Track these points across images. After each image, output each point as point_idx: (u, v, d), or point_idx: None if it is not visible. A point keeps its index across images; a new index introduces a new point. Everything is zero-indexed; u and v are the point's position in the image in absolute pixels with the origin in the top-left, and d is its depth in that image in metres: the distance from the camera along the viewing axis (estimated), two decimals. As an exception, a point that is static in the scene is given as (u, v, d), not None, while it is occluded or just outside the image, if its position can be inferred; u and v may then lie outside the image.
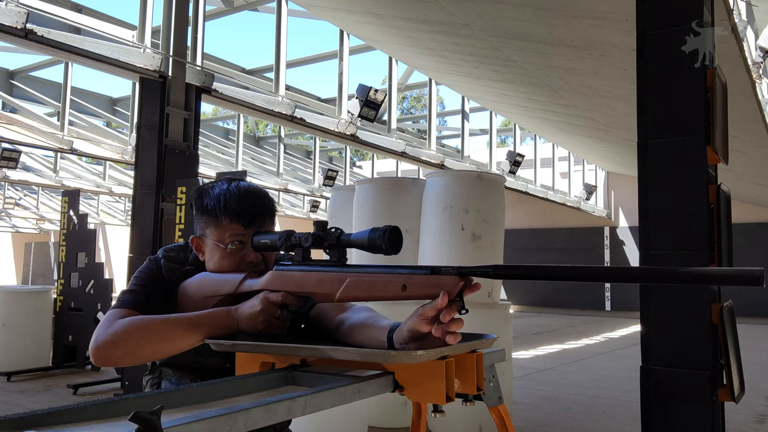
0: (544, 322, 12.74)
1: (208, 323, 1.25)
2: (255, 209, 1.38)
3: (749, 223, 13.20)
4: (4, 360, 6.17)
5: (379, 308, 4.74)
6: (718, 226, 2.42)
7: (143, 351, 1.23)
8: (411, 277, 1.08)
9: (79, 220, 6.83)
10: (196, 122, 5.19)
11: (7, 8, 4.22)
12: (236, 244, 1.36)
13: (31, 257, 24.63)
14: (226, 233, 1.36)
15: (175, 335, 1.23)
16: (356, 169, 16.20)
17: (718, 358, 2.39)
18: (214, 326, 1.24)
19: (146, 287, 1.37)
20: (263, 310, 1.21)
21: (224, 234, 1.36)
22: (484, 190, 4.13)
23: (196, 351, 1.35)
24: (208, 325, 1.24)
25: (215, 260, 1.37)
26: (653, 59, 2.56)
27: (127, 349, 1.22)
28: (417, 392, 1.05)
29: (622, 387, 5.63)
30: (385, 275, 1.11)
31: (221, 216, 1.36)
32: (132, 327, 1.23)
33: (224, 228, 1.36)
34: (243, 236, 1.36)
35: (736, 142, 6.73)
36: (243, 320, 1.23)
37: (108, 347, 1.22)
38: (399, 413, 4.09)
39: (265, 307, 1.21)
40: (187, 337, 1.23)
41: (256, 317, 1.22)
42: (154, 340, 1.23)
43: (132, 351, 1.22)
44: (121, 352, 1.22)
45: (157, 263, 1.42)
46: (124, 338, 1.22)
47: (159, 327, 1.24)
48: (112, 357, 1.23)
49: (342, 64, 7.37)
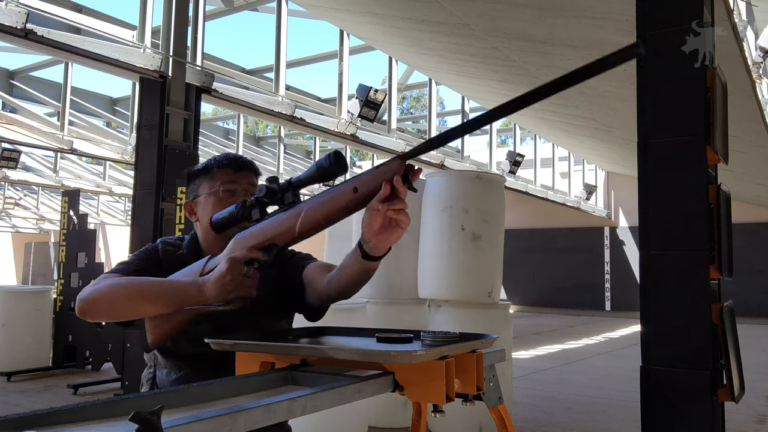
0: (544, 322, 12.74)
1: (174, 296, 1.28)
2: (242, 158, 1.52)
3: (749, 223, 13.20)
4: (4, 360, 6.17)
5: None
6: (718, 226, 2.42)
7: (118, 308, 1.31)
8: (359, 177, 1.11)
9: (79, 220, 6.83)
10: (196, 122, 5.19)
11: (7, 8, 4.22)
12: (227, 192, 1.44)
13: (31, 257, 24.63)
14: (218, 181, 1.46)
15: (145, 299, 1.29)
16: (356, 169, 16.20)
17: (718, 358, 2.39)
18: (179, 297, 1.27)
19: (141, 261, 1.44)
20: (229, 269, 1.23)
21: (216, 182, 1.46)
22: (484, 190, 4.13)
23: (188, 338, 1.37)
24: (173, 299, 1.28)
25: (208, 211, 1.43)
26: (653, 59, 2.56)
27: (105, 305, 1.30)
28: (417, 392, 1.05)
29: (622, 387, 5.63)
30: (336, 186, 1.14)
31: (213, 167, 1.47)
32: (113, 286, 1.31)
33: (216, 177, 1.46)
34: (234, 183, 1.46)
35: (736, 142, 6.73)
36: (211, 287, 1.24)
37: (90, 301, 1.30)
38: (399, 413, 4.09)
39: (231, 265, 1.23)
40: (155, 304, 1.29)
41: (224, 279, 1.23)
42: (128, 298, 1.29)
43: (108, 307, 1.30)
44: (100, 307, 1.30)
45: (154, 246, 1.50)
46: (104, 294, 1.30)
47: (133, 288, 1.30)
48: (93, 310, 1.31)
49: (342, 64, 7.37)
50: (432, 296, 4.21)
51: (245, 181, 1.49)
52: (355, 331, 1.36)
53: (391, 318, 4.24)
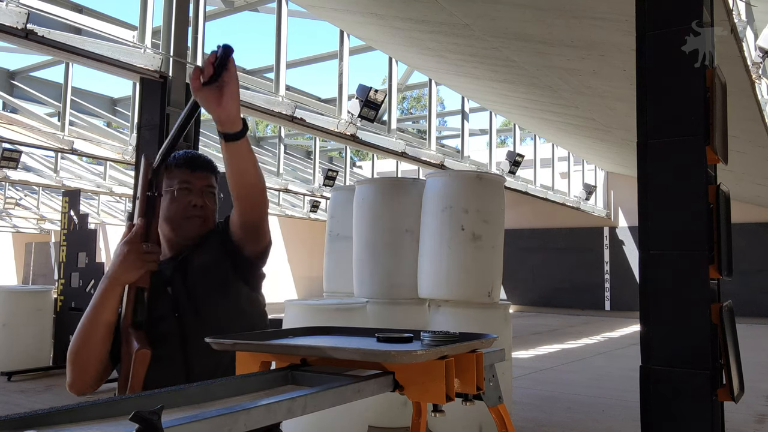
0: (544, 322, 12.74)
1: (99, 303, 1.35)
2: (200, 158, 1.59)
3: (749, 223, 13.20)
4: (4, 360, 6.17)
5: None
6: (717, 226, 2.42)
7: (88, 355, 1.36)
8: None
9: (79, 220, 6.83)
10: (196, 122, 5.18)
11: (8, 8, 4.22)
12: (183, 191, 1.52)
13: (32, 257, 24.63)
14: (174, 180, 1.53)
15: (89, 327, 1.35)
16: (356, 169, 16.20)
17: (718, 358, 2.39)
18: (103, 298, 1.35)
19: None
20: (130, 251, 1.33)
21: (173, 180, 1.53)
22: (484, 190, 4.13)
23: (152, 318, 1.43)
24: (99, 305, 1.35)
25: (164, 207, 1.50)
26: (653, 59, 2.56)
27: (79, 363, 1.36)
28: (417, 392, 1.05)
29: (621, 387, 5.63)
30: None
31: (171, 166, 1.54)
32: (70, 351, 1.37)
33: (174, 175, 1.54)
34: (189, 183, 1.54)
35: (736, 142, 6.73)
36: (122, 273, 1.34)
37: (69, 374, 1.37)
38: (399, 413, 4.09)
39: (129, 248, 1.33)
40: (98, 320, 1.35)
41: (128, 260, 1.33)
42: (83, 341, 1.36)
43: (79, 361, 1.36)
44: (76, 368, 1.36)
45: None
46: (69, 358, 1.37)
47: (78, 332, 1.37)
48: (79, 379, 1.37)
49: (342, 64, 7.37)
50: (432, 296, 4.21)
51: (201, 181, 1.55)
52: (355, 331, 1.36)
53: (391, 318, 4.24)
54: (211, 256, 1.51)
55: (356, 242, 4.60)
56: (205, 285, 1.47)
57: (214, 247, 1.52)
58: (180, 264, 1.51)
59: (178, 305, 1.45)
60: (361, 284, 4.50)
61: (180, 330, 1.43)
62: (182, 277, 1.48)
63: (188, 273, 1.49)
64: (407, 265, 4.35)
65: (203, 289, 1.47)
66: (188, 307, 1.45)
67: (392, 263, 4.39)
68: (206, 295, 1.47)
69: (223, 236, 1.53)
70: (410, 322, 4.21)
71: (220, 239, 1.53)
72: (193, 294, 1.46)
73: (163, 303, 1.44)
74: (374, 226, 4.46)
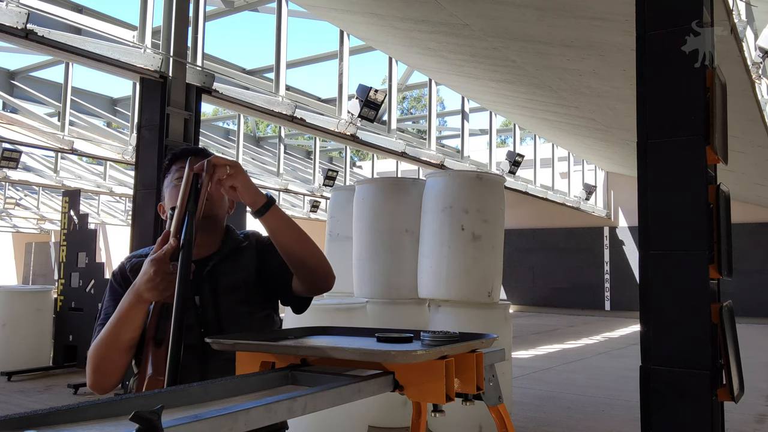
0: (544, 322, 12.74)
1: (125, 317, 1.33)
2: (196, 149, 1.57)
3: (749, 223, 13.20)
4: (4, 360, 6.17)
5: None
6: (717, 226, 2.42)
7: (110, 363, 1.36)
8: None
9: (79, 220, 6.83)
10: (196, 122, 5.18)
11: (8, 8, 4.22)
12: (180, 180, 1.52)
13: (32, 257, 24.64)
14: (176, 174, 1.54)
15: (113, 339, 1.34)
16: (356, 169, 16.20)
17: (718, 358, 2.39)
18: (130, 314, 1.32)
19: (113, 296, 1.47)
20: (157, 272, 1.27)
21: (174, 175, 1.54)
22: (484, 190, 4.13)
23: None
24: (126, 319, 1.32)
25: (170, 201, 1.51)
26: (653, 59, 2.56)
27: (102, 370, 1.36)
28: (417, 392, 1.05)
29: (621, 387, 5.63)
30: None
31: (171, 163, 1.57)
32: (91, 355, 1.37)
33: (170, 171, 1.56)
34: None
35: (736, 142, 6.73)
36: (145, 291, 1.29)
37: (93, 376, 1.38)
38: (399, 413, 4.09)
39: (157, 267, 1.27)
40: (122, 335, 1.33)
41: (154, 281, 1.27)
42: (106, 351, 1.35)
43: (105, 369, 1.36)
44: (101, 374, 1.37)
45: (120, 270, 1.53)
46: (94, 366, 1.37)
47: (101, 342, 1.36)
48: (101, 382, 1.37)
49: (342, 64, 7.37)
50: (432, 296, 4.21)
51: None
52: (355, 331, 1.36)
53: (391, 318, 4.24)
54: (242, 276, 1.51)
55: (356, 242, 4.60)
56: (234, 305, 1.47)
57: (245, 266, 1.53)
58: (209, 275, 1.49)
59: (205, 320, 1.44)
60: (361, 284, 4.50)
61: (202, 345, 1.38)
62: (211, 290, 1.47)
63: (218, 290, 1.48)
64: (407, 265, 4.35)
65: (231, 309, 1.47)
66: (214, 325, 1.44)
67: (392, 263, 4.39)
68: (234, 316, 1.46)
69: (261, 260, 1.54)
70: (410, 322, 4.21)
71: (256, 261, 1.54)
72: (220, 312, 1.46)
73: (189, 313, 1.41)
74: (374, 226, 4.46)
